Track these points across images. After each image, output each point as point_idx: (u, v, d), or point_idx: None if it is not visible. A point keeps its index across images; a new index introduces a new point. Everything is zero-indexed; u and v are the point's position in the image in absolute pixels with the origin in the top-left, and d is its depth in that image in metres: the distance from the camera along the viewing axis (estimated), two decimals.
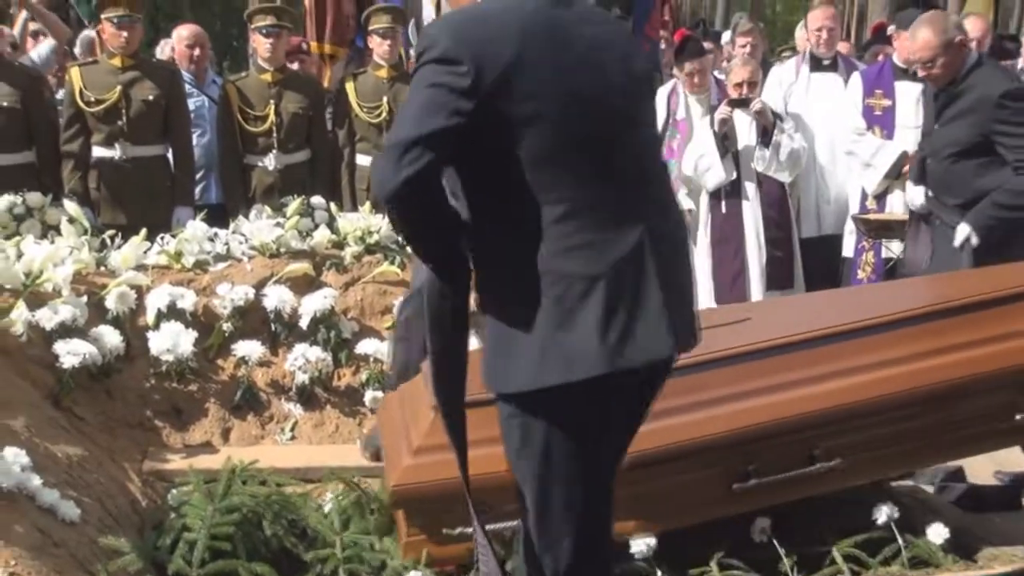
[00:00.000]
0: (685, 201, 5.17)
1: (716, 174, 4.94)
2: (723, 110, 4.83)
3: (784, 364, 2.92)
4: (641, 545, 2.91)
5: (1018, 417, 3.02)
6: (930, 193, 4.09)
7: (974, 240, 3.89)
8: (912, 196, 4.18)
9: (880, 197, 4.92)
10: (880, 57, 5.89)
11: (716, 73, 5.69)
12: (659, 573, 2.87)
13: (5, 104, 4.87)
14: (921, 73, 4.03)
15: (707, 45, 6.08)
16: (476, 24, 1.96)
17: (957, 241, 3.93)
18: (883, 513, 2.95)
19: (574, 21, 2.02)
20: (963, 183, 3.94)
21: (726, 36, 8.15)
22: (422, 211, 1.91)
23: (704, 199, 5.18)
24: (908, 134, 4.81)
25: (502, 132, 1.89)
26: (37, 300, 3.61)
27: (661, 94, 5.50)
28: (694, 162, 5.07)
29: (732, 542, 3.06)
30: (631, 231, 1.94)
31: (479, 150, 1.91)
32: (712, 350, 2.84)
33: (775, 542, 3.05)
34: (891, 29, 5.65)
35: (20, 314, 3.50)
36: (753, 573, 2.95)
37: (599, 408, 1.98)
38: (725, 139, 4.85)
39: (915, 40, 3.93)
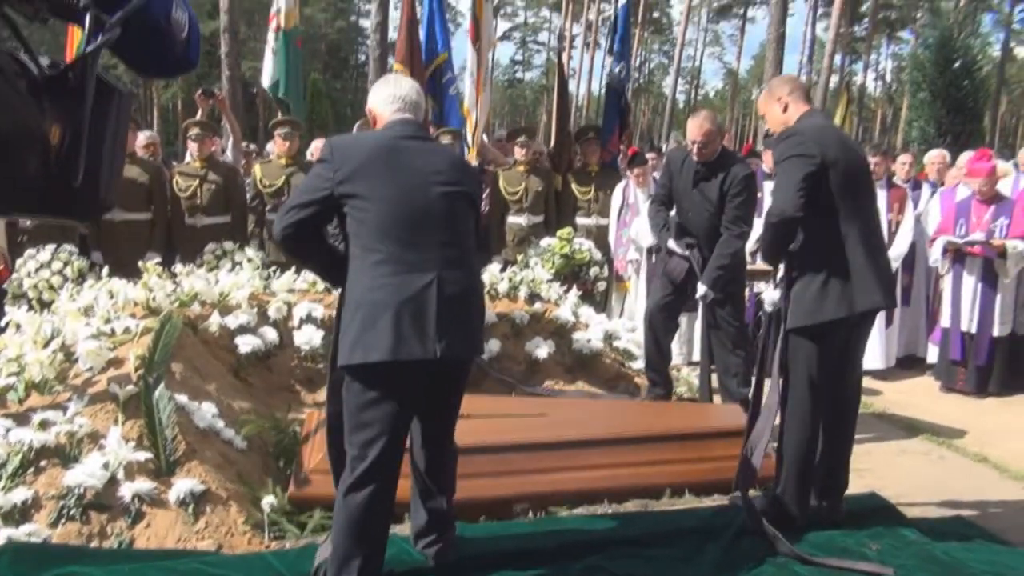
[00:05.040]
0: (632, 254, 5.98)
1: (648, 239, 5.54)
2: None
3: (553, 457, 3.32)
4: None
5: None
6: (691, 240, 4.27)
7: (710, 296, 4.12)
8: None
9: (754, 254, 5.28)
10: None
11: (655, 174, 6.18)
12: None
13: (215, 187, 5.62)
14: (694, 150, 4.19)
15: (651, 155, 6.79)
16: (347, 142, 2.52)
17: (699, 296, 4.18)
18: None
19: (412, 148, 2.46)
20: (714, 232, 4.18)
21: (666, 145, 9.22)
22: (298, 249, 2.49)
23: (643, 253, 5.88)
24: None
25: (348, 207, 2.37)
26: (226, 310, 4.07)
27: (618, 188, 6.24)
28: (637, 230, 5.78)
29: None
30: (423, 277, 2.33)
31: (341, 216, 2.39)
32: (512, 439, 3.32)
33: None
34: (760, 148, 5.92)
35: (215, 319, 3.98)
36: None
37: (389, 384, 2.33)
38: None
39: (701, 127, 4.13)
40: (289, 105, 7.41)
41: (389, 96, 2.57)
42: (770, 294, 3.30)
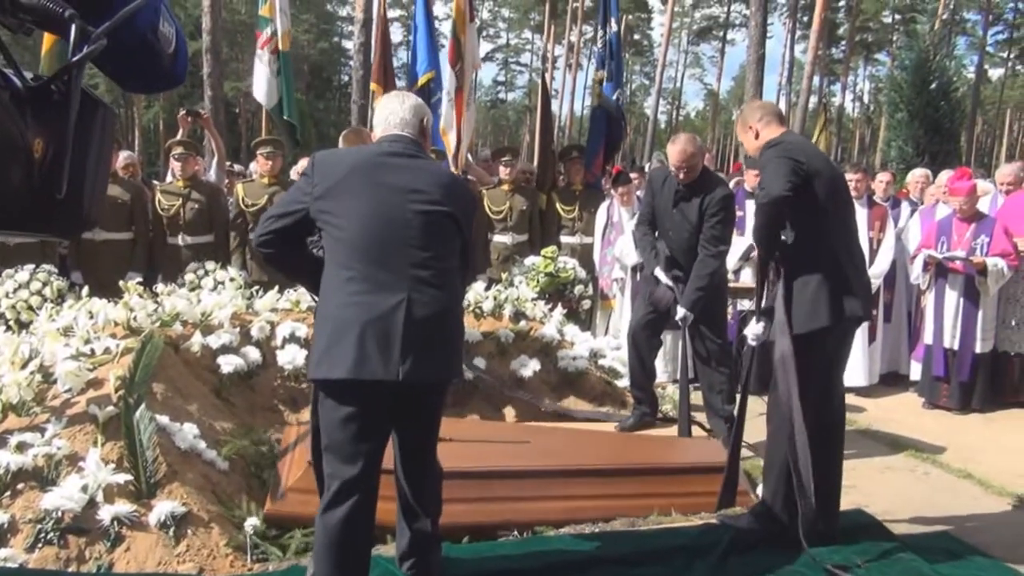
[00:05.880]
0: (617, 272, 5.98)
1: (632, 258, 5.59)
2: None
3: (536, 484, 3.32)
4: None
5: None
6: (678, 273, 4.25)
7: (690, 318, 4.13)
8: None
9: (737, 272, 5.35)
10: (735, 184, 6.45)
11: (638, 193, 6.16)
12: None
13: (197, 206, 5.62)
14: (676, 172, 4.20)
15: (634, 175, 6.81)
16: (329, 159, 2.50)
17: (678, 318, 4.17)
18: None
19: (395, 165, 2.44)
20: (694, 252, 4.20)
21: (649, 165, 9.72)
22: (273, 256, 2.51)
23: (628, 272, 5.87)
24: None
25: (322, 223, 2.39)
26: (208, 330, 4.05)
27: (602, 207, 6.28)
28: (621, 249, 5.79)
29: None
30: (393, 297, 2.30)
31: (319, 229, 2.42)
32: (494, 465, 3.31)
33: None
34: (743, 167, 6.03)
35: (197, 339, 3.96)
36: None
37: (355, 402, 2.33)
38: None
39: (683, 151, 4.14)
40: (295, 126, 7.34)
41: (386, 113, 2.58)
42: (754, 328, 3.33)
